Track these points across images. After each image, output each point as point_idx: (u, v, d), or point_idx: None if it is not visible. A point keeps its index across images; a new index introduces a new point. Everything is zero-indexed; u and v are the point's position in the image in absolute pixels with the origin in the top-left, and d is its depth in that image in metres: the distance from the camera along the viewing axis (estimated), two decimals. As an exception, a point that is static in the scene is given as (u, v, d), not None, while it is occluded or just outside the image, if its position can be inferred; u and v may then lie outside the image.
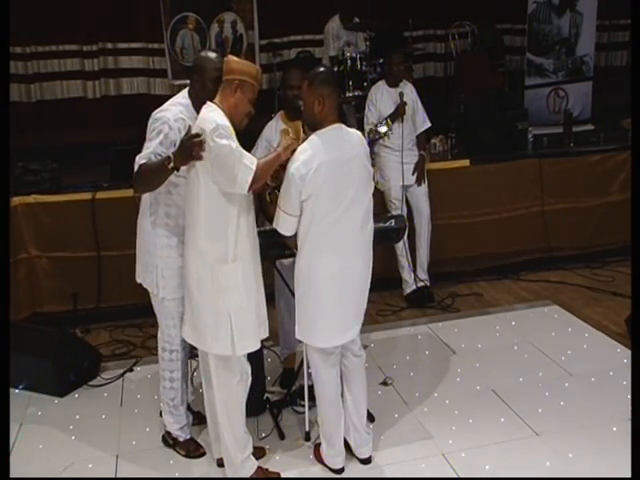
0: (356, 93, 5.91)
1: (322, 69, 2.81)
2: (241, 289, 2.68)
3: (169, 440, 3.20)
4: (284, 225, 2.74)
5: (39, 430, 3.43)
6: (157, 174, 2.68)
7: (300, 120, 3.50)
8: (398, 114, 4.59)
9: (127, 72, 7.36)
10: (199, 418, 3.29)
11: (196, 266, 2.69)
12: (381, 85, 4.77)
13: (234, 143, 2.56)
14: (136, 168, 2.72)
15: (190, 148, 2.53)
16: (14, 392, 3.76)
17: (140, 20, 7.29)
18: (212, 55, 2.91)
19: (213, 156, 2.54)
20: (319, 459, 3.04)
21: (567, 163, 5.31)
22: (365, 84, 5.87)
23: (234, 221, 2.64)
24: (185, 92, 2.96)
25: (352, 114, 6.01)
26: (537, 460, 2.98)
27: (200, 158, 2.54)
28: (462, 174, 5.14)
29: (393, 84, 4.72)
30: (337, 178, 2.69)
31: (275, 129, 3.66)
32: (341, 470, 2.97)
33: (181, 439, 3.16)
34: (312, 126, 2.78)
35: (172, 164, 2.57)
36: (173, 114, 2.83)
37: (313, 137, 2.73)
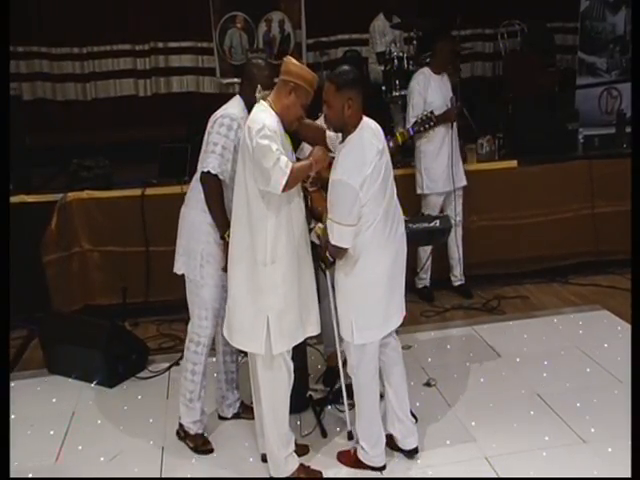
0: (402, 92, 5.85)
1: (345, 68, 2.70)
2: (279, 290, 2.70)
3: (181, 432, 3.26)
4: (346, 238, 2.64)
5: (90, 418, 3.55)
6: (213, 216, 3.00)
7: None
8: (446, 119, 4.48)
9: (177, 70, 7.52)
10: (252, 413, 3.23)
11: (238, 265, 2.74)
12: (426, 72, 4.60)
13: (275, 145, 2.59)
14: (211, 170, 2.92)
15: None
16: (68, 381, 3.91)
17: (190, 20, 7.43)
18: (262, 62, 3.10)
19: (255, 154, 2.58)
20: (352, 463, 3.00)
21: (619, 165, 5.16)
22: (412, 84, 5.83)
23: (272, 222, 2.65)
24: (237, 96, 3.09)
25: (398, 113, 5.98)
26: (584, 468, 2.92)
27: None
28: (509, 175, 5.06)
29: (437, 71, 4.58)
30: (382, 172, 2.69)
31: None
32: (384, 467, 2.97)
33: (192, 432, 3.21)
34: (341, 129, 2.74)
35: (222, 237, 2.96)
36: (240, 113, 2.98)
37: (352, 140, 2.68)
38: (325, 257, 2.87)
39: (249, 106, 2.95)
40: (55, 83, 7.28)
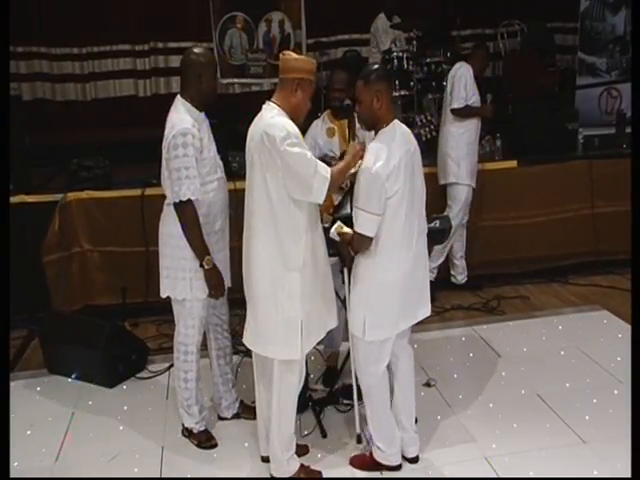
0: (402, 92, 5.89)
1: (375, 66, 2.83)
2: (306, 292, 2.68)
3: (185, 432, 3.29)
4: (369, 226, 2.63)
5: (90, 418, 3.55)
6: (192, 244, 2.91)
7: (345, 119, 3.51)
8: (485, 112, 4.54)
9: (177, 71, 7.50)
10: (253, 413, 3.20)
11: (265, 273, 2.68)
12: (471, 69, 4.63)
13: (308, 152, 2.56)
14: (182, 198, 2.85)
15: (214, 289, 2.97)
16: (67, 381, 3.91)
17: (190, 20, 7.43)
18: (201, 50, 3.04)
19: (285, 164, 2.53)
20: (369, 467, 2.99)
21: (619, 165, 5.16)
22: (412, 84, 5.85)
23: (304, 226, 2.63)
24: (179, 98, 2.99)
25: (398, 113, 5.99)
26: (584, 468, 2.93)
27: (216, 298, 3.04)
28: (510, 175, 5.07)
29: (475, 74, 4.64)
30: (411, 171, 2.71)
31: (321, 128, 3.70)
32: (400, 466, 2.96)
33: (195, 431, 3.25)
34: (372, 124, 2.77)
35: (201, 265, 2.91)
36: (189, 122, 2.88)
37: (384, 133, 2.71)
38: (347, 252, 2.84)
39: (198, 104, 2.93)
40: (55, 83, 7.27)
